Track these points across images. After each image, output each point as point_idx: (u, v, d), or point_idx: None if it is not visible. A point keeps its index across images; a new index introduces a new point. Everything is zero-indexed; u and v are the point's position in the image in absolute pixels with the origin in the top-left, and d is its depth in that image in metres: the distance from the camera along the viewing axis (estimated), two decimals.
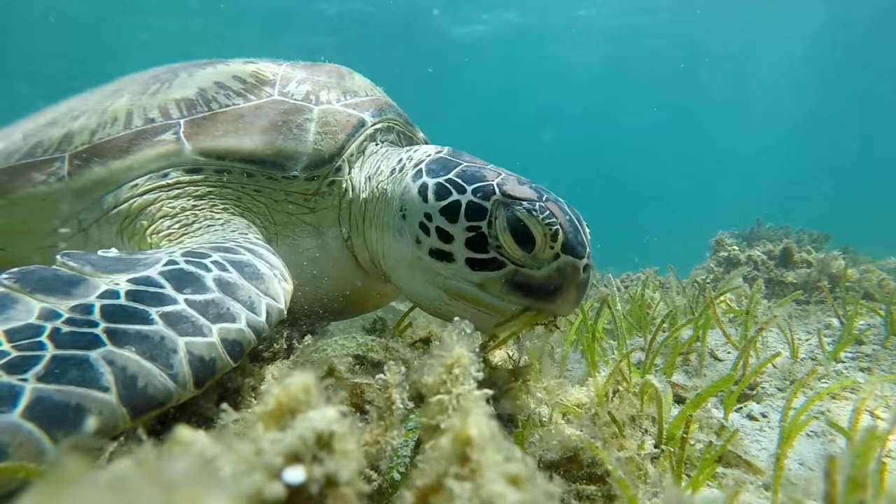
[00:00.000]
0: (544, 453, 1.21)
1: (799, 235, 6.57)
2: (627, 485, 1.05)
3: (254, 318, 1.25)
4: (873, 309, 2.63)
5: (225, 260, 1.37)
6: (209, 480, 0.48)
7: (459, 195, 1.50)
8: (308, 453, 0.60)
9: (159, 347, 1.06)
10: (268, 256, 1.49)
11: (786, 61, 28.33)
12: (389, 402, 0.98)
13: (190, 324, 1.14)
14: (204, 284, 1.26)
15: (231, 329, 1.18)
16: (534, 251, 1.42)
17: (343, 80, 2.01)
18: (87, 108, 1.93)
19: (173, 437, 0.63)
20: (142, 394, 0.98)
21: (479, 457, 0.62)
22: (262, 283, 1.36)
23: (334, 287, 1.91)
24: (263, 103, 1.84)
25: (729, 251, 5.25)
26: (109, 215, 1.74)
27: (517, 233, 1.43)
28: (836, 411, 1.75)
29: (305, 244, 1.84)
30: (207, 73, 1.97)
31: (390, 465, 0.95)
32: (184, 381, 1.05)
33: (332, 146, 1.80)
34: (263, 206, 1.80)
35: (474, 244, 1.47)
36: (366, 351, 1.38)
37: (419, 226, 1.55)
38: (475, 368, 0.82)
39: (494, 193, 1.47)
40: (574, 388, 1.62)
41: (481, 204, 1.47)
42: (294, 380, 0.66)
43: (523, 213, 1.42)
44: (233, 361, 1.16)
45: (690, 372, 2.19)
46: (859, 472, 0.77)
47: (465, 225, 1.47)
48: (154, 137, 1.76)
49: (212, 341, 1.13)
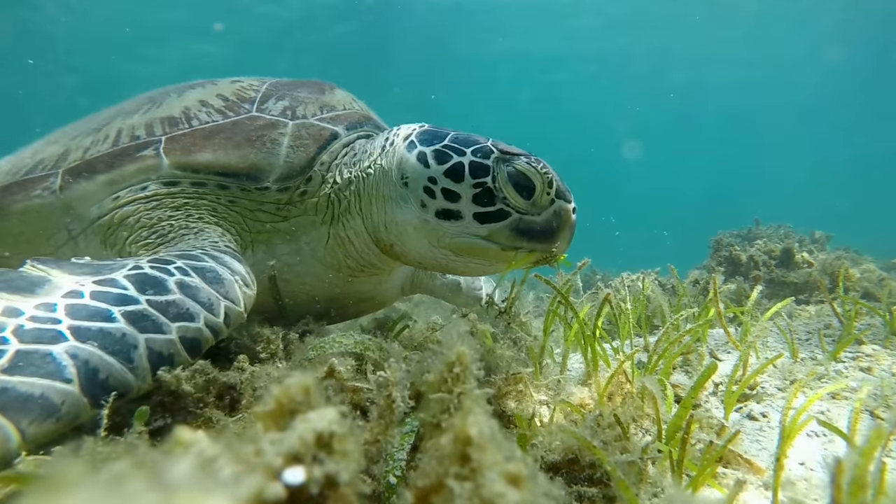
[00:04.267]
0: (546, 454, 1.21)
1: (799, 235, 6.57)
2: (628, 487, 1.05)
3: (212, 319, 1.34)
4: (873, 309, 2.63)
5: (188, 266, 1.46)
6: (208, 482, 0.48)
7: (460, 157, 1.65)
8: (308, 454, 0.60)
9: (121, 343, 1.14)
10: (231, 263, 1.57)
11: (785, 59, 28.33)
12: (390, 399, 0.97)
13: (150, 322, 1.22)
14: (166, 287, 1.34)
15: (190, 327, 1.27)
16: (533, 198, 1.62)
17: (322, 95, 2.11)
18: (86, 128, 2.09)
19: (173, 438, 0.63)
20: (103, 385, 1.06)
21: (480, 456, 0.62)
22: (223, 287, 1.45)
23: (313, 292, 2.00)
24: (240, 119, 1.94)
25: (730, 251, 5.24)
26: (94, 226, 1.85)
27: (518, 184, 1.61)
28: (836, 411, 1.75)
29: (281, 250, 1.92)
30: (195, 93, 2.09)
31: (386, 469, 0.95)
32: (143, 374, 1.14)
33: (304, 158, 1.88)
34: (238, 215, 1.89)
35: (481, 199, 1.62)
36: (363, 349, 1.39)
37: (423, 190, 1.67)
38: (476, 367, 0.82)
39: (493, 152, 1.64)
40: (576, 387, 1.62)
41: (483, 162, 1.63)
42: (294, 380, 0.66)
43: (523, 166, 1.61)
44: (190, 358, 1.25)
45: (690, 372, 2.19)
46: (862, 473, 0.77)
47: (471, 182, 1.63)
48: (136, 153, 1.86)
49: (171, 338, 1.22)
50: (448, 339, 0.89)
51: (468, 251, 1.67)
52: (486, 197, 1.62)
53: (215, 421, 1.28)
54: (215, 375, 1.33)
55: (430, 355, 0.96)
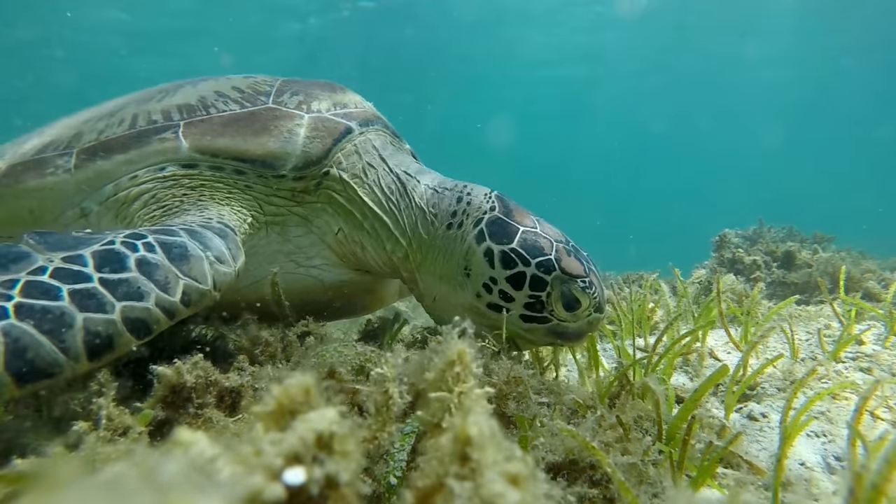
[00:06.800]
0: (547, 455, 1.21)
1: (802, 236, 6.56)
2: (628, 489, 1.04)
3: (164, 298, 1.32)
4: (873, 309, 2.63)
5: (157, 241, 1.44)
6: (204, 483, 0.47)
7: (525, 267, 1.79)
8: (308, 454, 0.59)
9: (57, 322, 1.14)
10: (209, 239, 1.55)
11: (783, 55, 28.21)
12: (387, 396, 0.97)
13: (95, 300, 1.21)
14: (124, 264, 1.33)
15: (136, 307, 1.26)
16: (576, 313, 1.80)
17: (334, 94, 2.19)
18: (96, 113, 2.13)
19: (173, 439, 0.63)
20: (29, 363, 1.06)
21: (480, 456, 0.62)
22: (186, 264, 1.43)
23: (321, 276, 2.07)
24: (258, 110, 2.01)
25: (733, 252, 5.24)
26: (108, 202, 1.89)
27: (568, 303, 1.79)
28: (837, 412, 1.74)
29: (294, 232, 2.01)
30: (209, 84, 2.16)
31: (387, 470, 0.94)
32: (75, 353, 1.13)
33: (320, 149, 1.95)
34: (254, 199, 1.95)
35: (532, 307, 1.80)
36: (364, 361, 1.38)
37: (483, 286, 1.84)
38: (476, 365, 0.82)
39: (555, 269, 1.79)
40: (576, 388, 1.62)
41: (543, 277, 1.79)
42: (294, 380, 0.66)
43: (579, 292, 1.78)
44: (135, 339, 1.24)
45: (690, 372, 2.19)
46: (884, 479, 0.76)
47: (527, 293, 1.79)
48: (155, 136, 1.92)
49: (111, 318, 1.21)
50: (449, 337, 0.89)
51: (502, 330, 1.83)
52: (536, 306, 1.80)
53: (215, 422, 1.28)
54: (216, 377, 1.33)
55: (430, 353, 0.95)
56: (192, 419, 1.28)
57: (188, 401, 1.30)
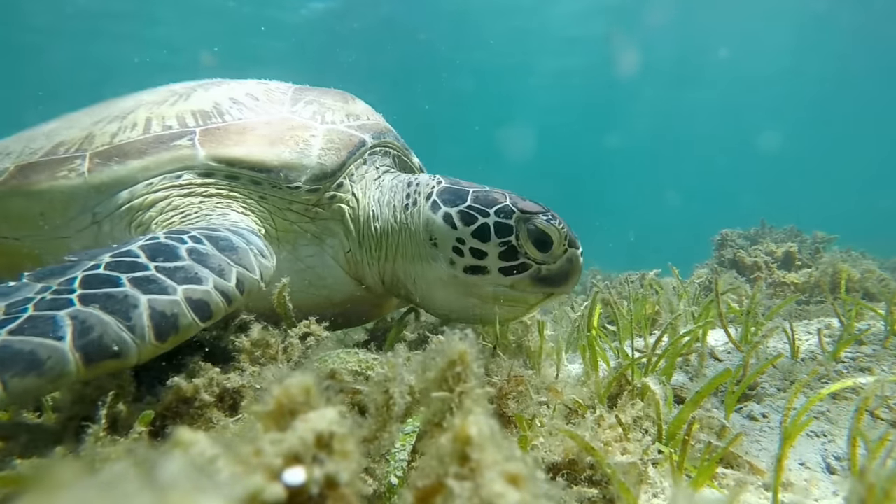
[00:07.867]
0: (547, 455, 1.21)
1: (803, 236, 6.55)
2: (628, 489, 1.04)
3: (222, 283, 1.36)
4: (873, 309, 2.62)
5: (202, 235, 1.48)
6: (203, 483, 0.47)
7: (485, 218, 1.80)
8: (308, 454, 0.60)
9: (121, 304, 1.17)
10: (248, 235, 1.60)
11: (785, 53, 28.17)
12: (387, 396, 0.97)
13: (156, 285, 1.25)
14: (176, 254, 1.37)
15: (197, 290, 1.30)
16: (550, 250, 1.79)
17: (347, 104, 2.20)
18: (107, 114, 2.10)
19: (174, 439, 0.63)
20: (96, 342, 1.08)
21: (479, 456, 0.62)
22: (235, 255, 1.47)
23: (331, 296, 2.06)
24: (273, 119, 2.01)
25: (734, 253, 5.24)
26: (122, 209, 1.87)
27: (538, 240, 1.78)
28: (837, 412, 1.74)
29: (306, 252, 1.99)
30: (222, 89, 2.15)
31: (388, 470, 0.94)
32: (142, 332, 1.15)
33: (335, 162, 1.95)
34: (267, 212, 1.94)
35: (506, 255, 1.78)
36: (365, 368, 1.39)
37: (452, 250, 1.82)
38: (476, 366, 0.82)
39: (514, 212, 1.79)
40: (576, 387, 1.62)
41: (506, 222, 1.79)
42: (294, 381, 0.66)
43: (543, 224, 1.78)
44: (199, 321, 1.27)
45: (690, 373, 2.18)
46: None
47: (496, 241, 1.78)
48: (171, 142, 1.91)
49: (175, 299, 1.24)
50: (450, 338, 0.89)
51: (496, 299, 1.83)
52: (510, 253, 1.78)
53: (216, 422, 1.28)
54: (216, 378, 1.33)
55: (431, 354, 0.95)
56: (193, 420, 1.28)
57: (188, 402, 1.30)
